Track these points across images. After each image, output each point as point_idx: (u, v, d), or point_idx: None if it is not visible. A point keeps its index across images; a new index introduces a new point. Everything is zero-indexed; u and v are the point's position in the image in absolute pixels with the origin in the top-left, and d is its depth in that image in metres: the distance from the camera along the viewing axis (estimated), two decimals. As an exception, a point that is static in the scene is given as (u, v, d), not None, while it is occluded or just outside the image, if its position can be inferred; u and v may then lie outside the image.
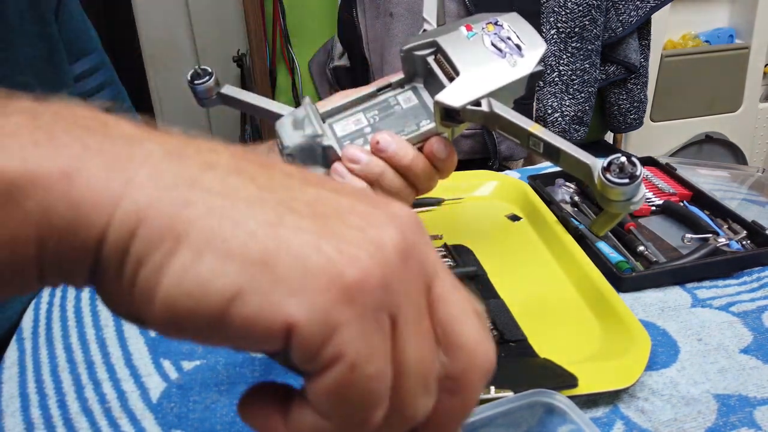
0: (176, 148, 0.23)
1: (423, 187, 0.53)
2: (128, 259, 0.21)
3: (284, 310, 0.21)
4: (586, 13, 1.30)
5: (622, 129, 1.56)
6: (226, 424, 0.47)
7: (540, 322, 0.57)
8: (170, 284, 0.21)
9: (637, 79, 1.49)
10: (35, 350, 0.55)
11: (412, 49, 0.51)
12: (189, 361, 0.53)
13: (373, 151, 0.50)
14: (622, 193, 0.43)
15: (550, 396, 0.41)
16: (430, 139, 0.51)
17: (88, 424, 0.47)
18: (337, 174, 0.50)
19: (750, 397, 0.49)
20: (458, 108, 0.47)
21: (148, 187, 0.21)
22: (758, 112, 2.06)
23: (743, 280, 0.63)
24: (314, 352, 0.21)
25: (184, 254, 0.21)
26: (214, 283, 0.21)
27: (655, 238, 0.70)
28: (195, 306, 0.21)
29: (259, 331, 0.21)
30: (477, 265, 0.64)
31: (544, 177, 0.81)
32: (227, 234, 0.21)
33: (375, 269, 0.22)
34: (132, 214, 0.21)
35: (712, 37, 1.96)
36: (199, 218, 0.21)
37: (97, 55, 0.75)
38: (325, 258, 0.21)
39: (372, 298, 0.21)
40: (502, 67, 0.48)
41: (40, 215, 0.21)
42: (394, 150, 0.49)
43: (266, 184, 0.23)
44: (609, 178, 0.43)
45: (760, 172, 0.86)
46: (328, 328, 0.21)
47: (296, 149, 0.49)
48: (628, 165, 0.42)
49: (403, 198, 0.52)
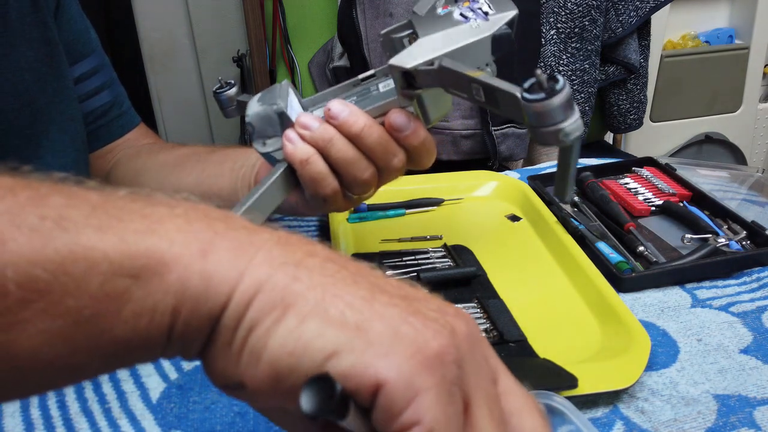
0: (284, 239, 0.27)
1: (382, 162, 0.51)
2: (242, 326, 0.25)
3: (375, 369, 0.23)
4: (585, 13, 1.30)
5: (622, 129, 1.56)
6: (226, 425, 0.47)
7: (540, 322, 0.57)
8: (276, 344, 0.24)
9: (636, 79, 1.49)
10: (35, 350, 0.55)
11: (390, 32, 0.50)
12: (189, 362, 0.53)
13: (325, 118, 0.49)
14: (542, 113, 0.39)
15: (548, 397, 0.41)
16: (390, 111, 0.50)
17: (88, 424, 0.47)
18: (288, 140, 0.49)
19: (750, 398, 0.49)
20: (410, 69, 0.46)
21: (264, 266, 0.25)
22: (758, 113, 2.06)
23: (743, 280, 0.63)
24: (397, 412, 0.23)
25: (290, 320, 0.24)
26: (314, 342, 0.24)
27: (654, 239, 0.70)
28: (296, 363, 0.24)
29: (351, 386, 0.24)
30: (477, 265, 0.64)
31: (544, 177, 0.81)
32: (328, 304, 0.25)
33: (453, 347, 0.25)
34: (251, 286, 0.25)
35: (712, 37, 1.96)
36: (305, 290, 0.25)
37: (96, 57, 0.75)
38: (413, 329, 0.25)
39: (450, 370, 0.24)
40: (461, 30, 0.47)
41: (178, 286, 0.25)
42: (345, 117, 0.49)
43: (357, 271, 0.27)
44: (526, 96, 0.39)
45: (759, 173, 0.86)
46: (412, 391, 0.23)
47: (254, 117, 0.49)
48: (547, 81, 0.39)
49: (360, 172, 0.50)
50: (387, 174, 0.52)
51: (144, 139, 0.79)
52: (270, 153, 0.51)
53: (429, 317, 0.25)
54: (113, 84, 0.78)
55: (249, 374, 0.25)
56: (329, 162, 0.50)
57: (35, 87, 0.64)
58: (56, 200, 0.25)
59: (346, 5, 1.40)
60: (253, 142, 0.51)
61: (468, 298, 0.59)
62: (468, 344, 0.26)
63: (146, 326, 0.25)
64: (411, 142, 0.50)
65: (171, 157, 0.73)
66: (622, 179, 0.82)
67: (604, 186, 0.78)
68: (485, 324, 0.56)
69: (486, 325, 0.56)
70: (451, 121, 1.27)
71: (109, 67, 0.77)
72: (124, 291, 0.24)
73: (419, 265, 0.64)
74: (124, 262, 0.24)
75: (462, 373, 0.25)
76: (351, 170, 0.50)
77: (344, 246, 0.68)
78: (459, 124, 1.27)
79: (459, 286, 0.61)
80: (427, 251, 0.67)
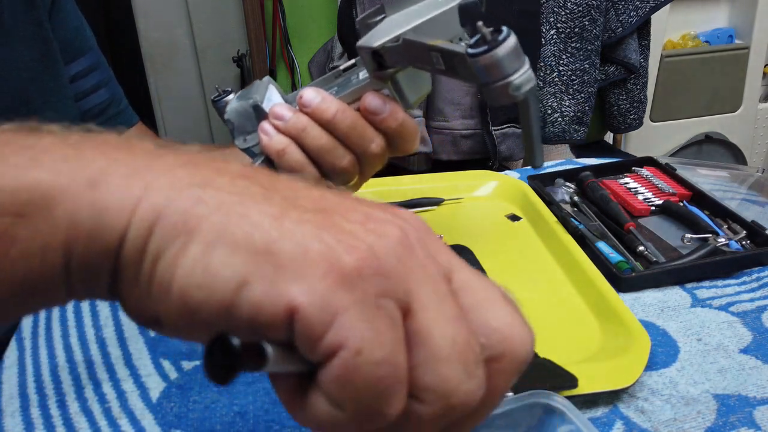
0: (192, 159, 0.25)
1: (359, 148, 0.50)
2: (146, 257, 0.23)
3: (286, 295, 0.21)
4: (585, 13, 1.30)
5: (622, 129, 1.56)
6: (226, 424, 0.47)
7: (540, 322, 0.57)
8: (183, 277, 0.22)
9: (636, 79, 1.49)
10: (35, 350, 0.55)
11: (364, 18, 0.49)
12: (189, 361, 0.53)
13: (298, 107, 0.49)
14: (487, 66, 0.37)
15: (548, 397, 0.41)
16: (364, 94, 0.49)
17: (88, 423, 0.47)
18: (263, 132, 0.49)
19: (749, 397, 0.49)
20: (377, 48, 0.45)
21: (164, 190, 0.23)
22: (758, 113, 2.06)
23: (743, 280, 0.63)
24: (317, 338, 0.22)
25: (195, 247, 0.22)
26: (222, 272, 0.22)
27: (654, 238, 0.70)
28: (207, 296, 0.22)
29: (264, 318, 0.22)
30: (477, 265, 0.64)
31: (544, 177, 0.81)
32: (234, 226, 0.22)
33: (372, 258, 0.22)
34: (149, 213, 0.22)
35: (712, 37, 1.96)
36: (209, 214, 0.22)
37: (92, 55, 0.75)
38: (324, 245, 0.22)
39: (372, 283, 0.22)
40: (427, 4, 0.46)
41: (68, 222, 0.22)
42: (317, 104, 0.48)
43: (271, 186, 0.24)
44: (470, 51, 0.38)
45: (759, 172, 0.86)
46: (328, 314, 0.21)
47: (232, 113, 0.50)
48: (491, 33, 0.38)
49: (338, 159, 0.49)
50: (367, 161, 0.51)
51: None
52: (250, 148, 0.51)
53: (345, 230, 0.23)
54: (110, 82, 0.77)
55: (162, 309, 0.23)
56: (306, 151, 0.49)
57: (30, 86, 0.64)
58: None
59: (346, 5, 1.40)
60: (235, 139, 0.51)
61: (468, 297, 0.59)
62: (400, 247, 0.23)
63: (39, 267, 0.23)
64: (389, 125, 0.49)
65: None
66: (622, 179, 0.82)
67: (604, 186, 0.78)
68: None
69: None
70: (451, 121, 1.27)
71: (106, 65, 0.77)
72: (7, 231, 0.22)
73: (419, 265, 0.64)
74: (4, 200, 0.22)
75: (393, 282, 0.22)
76: (328, 158, 0.49)
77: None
78: (459, 124, 1.27)
79: (459, 285, 0.61)
80: (427, 251, 0.67)
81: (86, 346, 0.55)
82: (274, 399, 0.49)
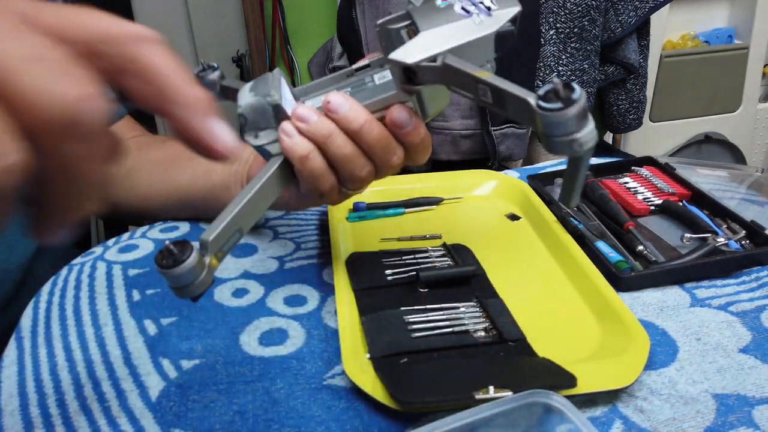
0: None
1: (381, 160, 0.49)
2: None
3: None
4: (585, 13, 1.30)
5: (622, 129, 1.56)
6: (225, 423, 0.47)
7: (539, 321, 0.57)
8: None
9: (636, 79, 1.49)
10: (34, 349, 0.55)
11: (387, 23, 0.48)
12: (188, 361, 0.53)
13: (324, 111, 0.47)
14: (557, 123, 0.38)
15: (548, 396, 0.41)
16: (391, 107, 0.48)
17: (87, 423, 0.47)
18: (285, 134, 0.48)
19: (749, 397, 0.49)
20: (411, 65, 0.44)
21: None
22: (757, 112, 2.06)
23: (742, 279, 0.63)
24: None
25: None
26: None
27: (654, 238, 0.70)
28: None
29: None
30: (476, 264, 0.64)
31: (544, 176, 0.81)
32: None
33: None
34: None
35: (711, 37, 1.96)
36: None
37: None
38: None
39: None
40: (464, 25, 0.45)
41: None
42: (345, 112, 0.47)
43: None
44: (542, 104, 0.38)
45: (759, 172, 0.86)
46: None
47: (247, 108, 0.47)
48: (564, 90, 0.38)
49: (358, 169, 0.48)
50: (384, 171, 0.50)
51: (130, 132, 0.77)
52: (263, 146, 0.49)
53: None
54: None
55: None
56: (326, 158, 0.48)
57: None
58: None
59: (345, 5, 1.40)
60: (245, 134, 0.50)
61: (467, 297, 0.59)
62: None
63: None
64: (412, 140, 0.49)
65: (162, 154, 0.71)
66: (622, 178, 0.82)
67: (603, 185, 0.78)
68: (485, 323, 0.56)
69: (485, 324, 0.56)
70: (450, 121, 1.27)
71: None
72: None
73: (418, 264, 0.64)
74: None
75: None
76: (348, 167, 0.49)
77: (344, 245, 0.68)
78: (458, 124, 1.27)
79: (458, 285, 0.61)
80: (427, 250, 0.67)
81: (85, 345, 0.55)
82: (274, 398, 0.49)
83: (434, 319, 0.56)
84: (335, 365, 0.52)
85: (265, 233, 0.74)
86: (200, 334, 0.56)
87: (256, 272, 0.66)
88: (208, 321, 0.58)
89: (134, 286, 0.64)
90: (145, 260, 0.68)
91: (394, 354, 0.51)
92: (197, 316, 0.59)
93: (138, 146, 0.74)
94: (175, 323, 0.58)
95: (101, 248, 0.71)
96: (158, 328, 0.57)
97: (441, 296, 0.59)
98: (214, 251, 0.41)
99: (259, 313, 0.59)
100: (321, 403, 0.49)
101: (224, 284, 0.64)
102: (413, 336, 0.54)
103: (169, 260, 0.38)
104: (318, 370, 0.52)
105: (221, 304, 0.61)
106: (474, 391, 0.44)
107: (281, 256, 0.69)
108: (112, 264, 0.68)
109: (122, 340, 0.56)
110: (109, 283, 0.64)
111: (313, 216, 0.78)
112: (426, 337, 0.54)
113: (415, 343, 0.53)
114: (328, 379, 0.51)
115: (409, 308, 0.57)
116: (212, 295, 0.62)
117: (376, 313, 0.56)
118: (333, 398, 0.49)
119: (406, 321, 0.55)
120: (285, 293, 0.62)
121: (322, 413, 0.48)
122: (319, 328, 0.57)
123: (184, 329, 0.57)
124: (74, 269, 0.67)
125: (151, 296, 0.62)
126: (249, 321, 0.58)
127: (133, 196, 0.72)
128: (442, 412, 0.45)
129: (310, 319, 0.58)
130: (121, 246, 0.71)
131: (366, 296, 0.59)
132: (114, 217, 0.83)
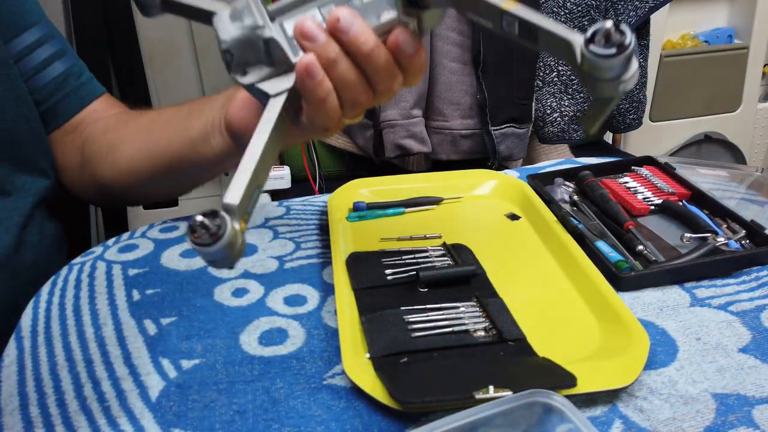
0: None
1: (382, 87, 0.46)
2: None
3: None
4: (585, 13, 1.30)
5: (622, 129, 1.56)
6: (225, 423, 0.47)
7: (539, 321, 0.57)
8: None
9: (636, 79, 1.49)
10: (34, 349, 0.55)
11: None
12: (188, 360, 0.53)
13: (330, 30, 0.42)
14: (609, 67, 0.37)
15: (548, 396, 0.41)
16: (394, 30, 0.44)
17: (87, 422, 0.47)
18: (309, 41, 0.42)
19: (748, 396, 0.49)
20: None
21: None
22: (757, 112, 2.06)
23: (742, 279, 0.63)
24: None
25: None
26: None
27: (654, 238, 0.70)
28: None
29: None
30: (476, 264, 0.64)
31: (543, 176, 0.81)
32: None
33: None
34: None
35: (711, 37, 1.96)
36: None
37: (42, 27, 0.71)
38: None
39: None
40: None
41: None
42: (356, 33, 0.42)
43: None
44: (594, 50, 0.36)
45: (759, 172, 0.86)
46: None
47: (233, 43, 0.43)
48: (615, 33, 0.36)
49: (360, 93, 0.45)
50: (384, 96, 0.47)
51: (111, 109, 0.76)
52: (254, 84, 0.44)
53: None
54: (66, 54, 0.73)
55: None
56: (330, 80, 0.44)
57: None
58: None
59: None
60: (231, 72, 0.44)
61: (467, 296, 0.59)
62: None
63: None
64: (414, 67, 0.46)
65: (141, 123, 0.70)
66: (622, 178, 0.82)
67: (603, 185, 0.78)
68: (484, 323, 0.56)
69: (485, 323, 0.56)
70: (450, 121, 1.27)
71: (60, 37, 0.73)
72: None
73: (418, 264, 0.64)
74: None
75: None
76: (349, 93, 0.45)
77: (344, 245, 0.68)
78: (458, 123, 1.27)
79: (458, 284, 0.61)
80: (427, 250, 0.67)
81: (85, 345, 0.55)
82: (274, 398, 0.49)
83: (434, 319, 0.56)
84: (335, 365, 0.52)
85: (265, 233, 0.74)
86: (200, 334, 0.56)
87: (256, 272, 0.66)
88: (208, 321, 0.58)
89: (134, 285, 0.64)
90: (145, 260, 0.68)
91: (394, 354, 0.51)
92: (197, 316, 0.59)
93: (116, 122, 0.72)
94: (174, 323, 0.58)
95: (101, 248, 0.71)
96: (158, 328, 0.57)
97: (441, 296, 0.59)
98: (241, 214, 0.38)
99: (259, 313, 0.59)
100: (321, 402, 0.49)
101: (224, 284, 0.64)
102: (413, 336, 0.54)
103: (205, 237, 0.36)
104: (318, 369, 0.52)
105: (221, 303, 0.61)
106: (474, 390, 0.44)
107: (281, 255, 0.69)
108: (111, 264, 0.68)
109: (122, 340, 0.56)
110: (108, 283, 0.64)
111: (313, 216, 0.78)
112: (426, 336, 0.54)
113: (415, 343, 0.53)
114: (328, 378, 0.51)
115: (408, 308, 0.57)
116: (212, 294, 0.62)
117: (376, 313, 0.56)
118: (333, 398, 0.49)
119: (406, 321, 0.55)
120: (285, 293, 0.62)
121: (322, 413, 0.48)
122: (319, 327, 0.57)
123: (183, 329, 0.57)
124: (74, 269, 0.67)
125: (150, 296, 0.62)
126: (249, 321, 0.58)
127: (116, 174, 0.70)
128: (442, 412, 0.45)
129: (310, 319, 0.58)
130: (121, 246, 0.71)
131: (366, 296, 0.59)
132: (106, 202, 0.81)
